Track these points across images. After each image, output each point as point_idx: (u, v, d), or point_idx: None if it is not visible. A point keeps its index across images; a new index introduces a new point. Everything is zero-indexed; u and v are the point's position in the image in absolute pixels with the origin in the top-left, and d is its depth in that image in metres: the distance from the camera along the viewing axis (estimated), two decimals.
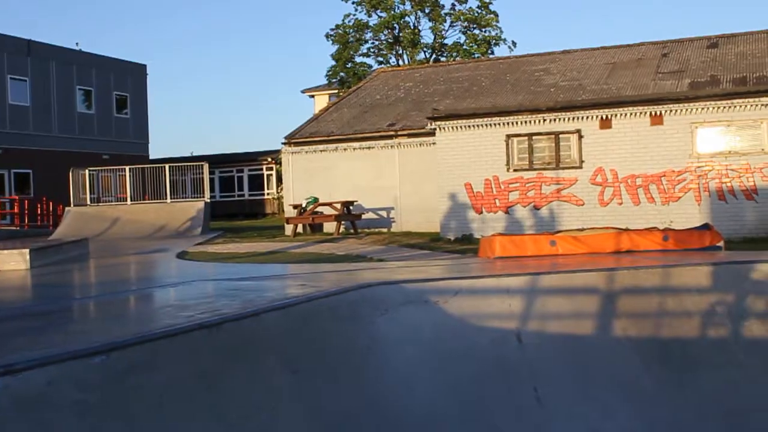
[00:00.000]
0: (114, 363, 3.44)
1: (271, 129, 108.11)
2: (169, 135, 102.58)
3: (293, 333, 4.69)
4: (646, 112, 19.17)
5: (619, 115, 19.43)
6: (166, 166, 28.52)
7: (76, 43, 51.68)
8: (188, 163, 30.72)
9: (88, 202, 28.89)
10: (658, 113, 19.05)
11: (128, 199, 28.61)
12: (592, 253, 10.44)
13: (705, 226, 12.61)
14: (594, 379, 6.10)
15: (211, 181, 38.39)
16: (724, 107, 18.55)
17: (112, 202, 29.89)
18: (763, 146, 18.24)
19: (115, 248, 18.13)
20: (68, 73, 42.33)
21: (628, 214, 18.86)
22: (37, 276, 10.29)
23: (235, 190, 48.13)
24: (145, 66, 46.68)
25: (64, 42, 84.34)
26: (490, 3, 46.23)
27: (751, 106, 18.30)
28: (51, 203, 31.71)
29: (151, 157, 44.54)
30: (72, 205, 27.66)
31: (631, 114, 19.30)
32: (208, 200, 28.08)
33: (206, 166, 28.82)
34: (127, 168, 29.15)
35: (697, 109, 18.76)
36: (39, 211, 32.41)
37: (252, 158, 48.35)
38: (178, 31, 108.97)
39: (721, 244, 11.59)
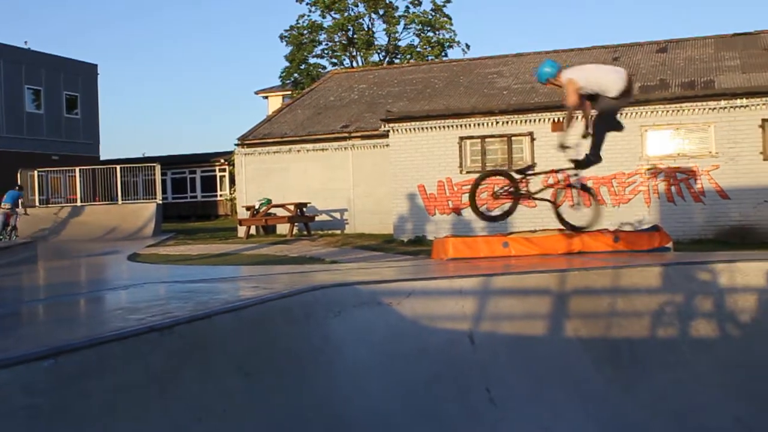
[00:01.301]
0: (63, 367, 3.39)
1: (224, 130, 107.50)
2: (121, 136, 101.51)
3: (246, 335, 4.66)
4: None
5: None
6: (118, 168, 28.21)
7: (25, 42, 50.71)
8: (140, 165, 30.38)
9: (37, 204, 28.46)
10: None
11: (78, 200, 28.24)
12: (544, 254, 10.54)
13: (654, 228, 12.80)
14: (546, 380, 6.15)
15: (163, 182, 38.02)
16: (673, 111, 18.85)
17: (61, 203, 29.45)
18: (710, 149, 18.56)
19: (64, 250, 17.90)
20: (17, 73, 41.61)
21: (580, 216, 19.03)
22: None
23: (188, 192, 47.72)
24: (96, 66, 46.08)
25: (13, 40, 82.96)
26: (444, 6, 46.45)
27: (699, 109, 18.62)
28: None
29: (102, 158, 43.95)
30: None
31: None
32: (160, 202, 27.83)
33: (158, 168, 28.56)
34: (77, 169, 28.77)
35: (647, 112, 19.03)
36: None
37: (205, 159, 47.97)
38: (130, 31, 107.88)
39: (670, 245, 11.77)
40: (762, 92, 18.50)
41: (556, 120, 19.63)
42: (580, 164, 10.35)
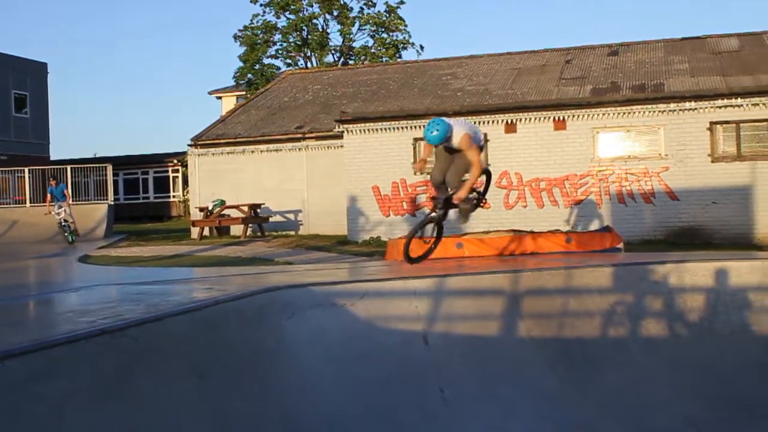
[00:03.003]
0: (12, 371, 3.34)
1: (177, 130, 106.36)
2: (72, 136, 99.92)
3: (199, 337, 4.64)
4: (549, 117, 19.59)
5: (523, 120, 19.80)
6: (68, 168, 27.83)
7: None
8: (91, 165, 29.99)
9: None
10: (562, 118, 19.50)
11: (27, 201, 27.80)
12: (498, 255, 10.62)
13: (606, 229, 12.98)
14: (499, 379, 6.20)
15: (115, 183, 37.51)
16: (624, 113, 19.10)
17: (9, 204, 28.97)
18: (660, 151, 18.83)
19: (12, 252, 17.62)
20: None
21: (533, 217, 19.22)
22: None
23: (140, 193, 47.21)
24: (45, 64, 45.30)
25: None
26: (398, 8, 46.53)
27: (649, 112, 18.89)
28: None
29: (52, 159, 43.28)
30: None
31: (535, 119, 19.69)
32: (112, 203, 27.52)
33: (110, 168, 28.23)
34: (26, 170, 28.32)
35: (598, 114, 19.26)
36: None
37: (157, 160, 47.50)
38: (81, 30, 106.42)
39: (621, 245, 11.93)
40: (710, 96, 18.81)
41: (509, 122, 19.79)
42: (470, 210, 9.86)
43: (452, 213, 9.81)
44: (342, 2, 46.81)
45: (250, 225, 23.27)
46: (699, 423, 5.98)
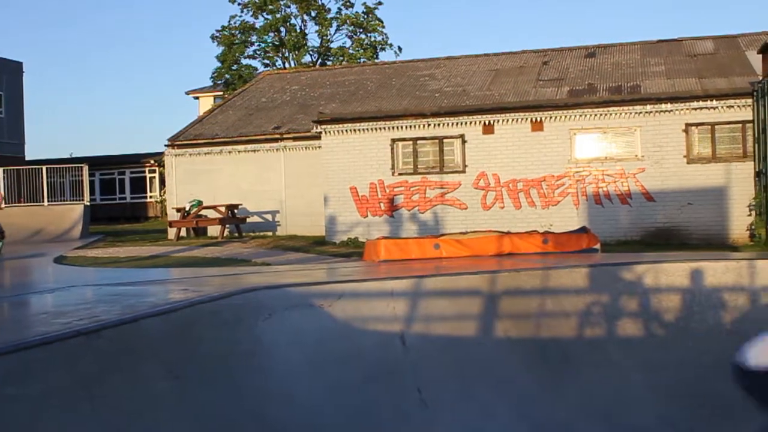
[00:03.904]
0: None
1: (154, 130, 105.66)
2: (48, 136, 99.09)
3: (175, 338, 4.62)
4: (527, 118, 19.66)
5: (501, 121, 19.86)
6: (44, 168, 27.59)
7: None
8: (67, 165, 29.74)
9: None
10: (539, 119, 19.57)
11: (2, 202, 27.55)
12: (475, 255, 10.65)
13: (582, 230, 13.04)
14: (476, 380, 6.21)
15: (91, 183, 37.26)
16: (601, 115, 19.20)
17: None
18: (636, 153, 18.95)
19: None
20: None
21: (510, 218, 19.28)
22: None
23: (117, 193, 46.88)
24: (21, 63, 44.93)
25: None
26: (376, 8, 46.57)
27: (626, 114, 19.00)
28: None
29: (27, 159, 42.91)
30: None
31: (512, 120, 19.75)
32: (88, 203, 27.30)
33: (86, 168, 28.01)
34: (0, 170, 28.08)
35: (575, 116, 19.35)
36: None
37: (134, 160, 47.19)
38: (57, 29, 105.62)
39: (597, 246, 12.01)
40: (685, 97, 18.94)
41: (486, 123, 19.83)
42: None
43: None
44: (320, 3, 46.78)
45: (227, 226, 23.19)
46: (674, 422, 6.02)
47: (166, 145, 26.26)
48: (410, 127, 20.45)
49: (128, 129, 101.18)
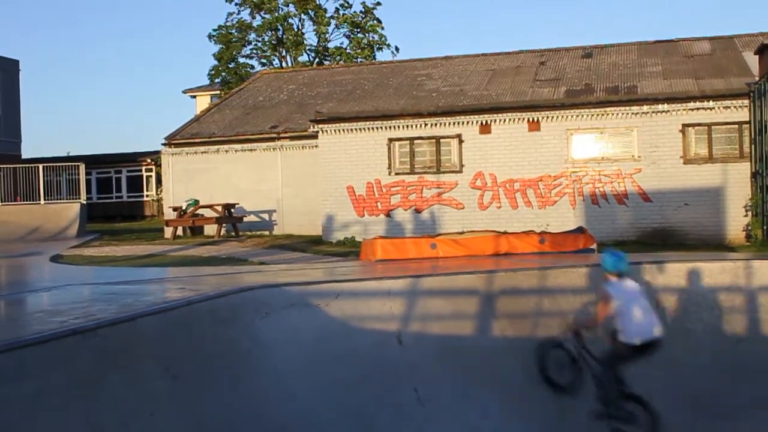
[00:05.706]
0: None
1: (151, 129, 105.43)
2: (45, 134, 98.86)
3: (172, 337, 4.62)
4: (524, 118, 19.65)
5: (498, 121, 19.85)
6: (40, 166, 27.53)
7: None
8: (64, 164, 29.65)
9: None
10: (536, 119, 19.56)
11: None
12: (472, 255, 10.65)
13: (579, 230, 13.05)
14: (472, 379, 6.22)
15: (88, 182, 37.14)
16: (598, 115, 19.19)
17: None
18: (633, 153, 18.95)
19: None
20: None
21: (507, 218, 19.27)
22: None
23: (113, 192, 46.80)
24: (17, 62, 44.86)
25: None
26: (374, 8, 46.52)
27: (623, 114, 19.00)
28: None
29: (23, 157, 42.83)
30: None
31: (509, 120, 19.74)
32: (85, 202, 27.25)
33: (83, 167, 27.95)
34: None
35: (572, 116, 19.34)
36: None
37: (131, 159, 47.14)
38: (54, 27, 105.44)
39: (594, 246, 12.02)
40: (682, 98, 18.93)
41: (483, 123, 19.83)
42: None
43: None
44: (317, 2, 46.76)
45: (224, 225, 23.15)
46: (669, 420, 6.03)
47: (162, 144, 26.22)
48: (407, 126, 20.44)
49: (125, 128, 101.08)
